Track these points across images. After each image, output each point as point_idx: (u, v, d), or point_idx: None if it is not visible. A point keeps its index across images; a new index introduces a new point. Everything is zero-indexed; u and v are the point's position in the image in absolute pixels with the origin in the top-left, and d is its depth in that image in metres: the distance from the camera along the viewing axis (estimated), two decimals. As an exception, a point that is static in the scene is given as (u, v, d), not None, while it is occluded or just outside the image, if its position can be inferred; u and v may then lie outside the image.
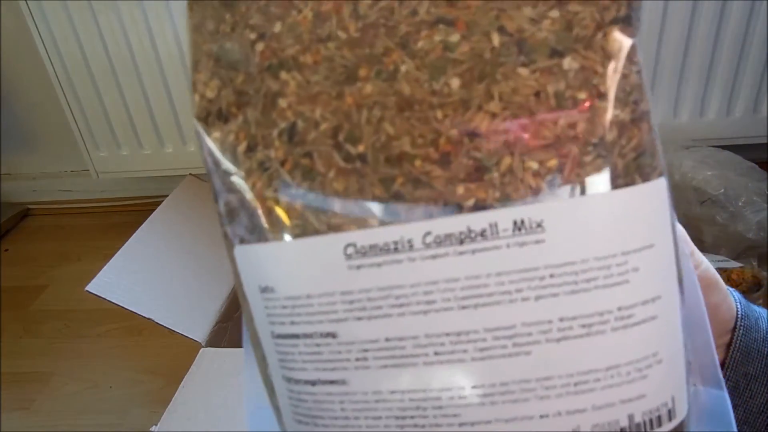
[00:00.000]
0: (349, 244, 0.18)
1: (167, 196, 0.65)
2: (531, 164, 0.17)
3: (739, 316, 0.26)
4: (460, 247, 0.17)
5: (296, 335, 0.19)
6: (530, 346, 0.17)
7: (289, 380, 0.20)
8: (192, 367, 0.48)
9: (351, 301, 0.18)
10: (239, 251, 0.20)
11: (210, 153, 0.20)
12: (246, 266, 0.20)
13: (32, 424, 0.72)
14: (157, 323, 0.51)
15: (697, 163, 0.77)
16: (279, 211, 0.18)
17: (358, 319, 0.18)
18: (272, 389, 0.21)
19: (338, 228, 0.18)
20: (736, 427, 0.20)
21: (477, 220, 0.17)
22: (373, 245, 0.18)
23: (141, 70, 0.88)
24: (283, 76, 0.18)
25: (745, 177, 0.77)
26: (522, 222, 0.17)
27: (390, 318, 0.18)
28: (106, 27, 0.84)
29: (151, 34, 0.84)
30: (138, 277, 0.54)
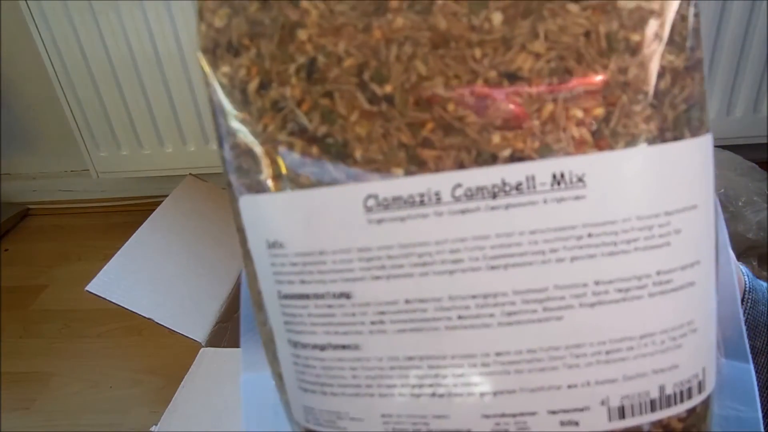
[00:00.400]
0: (370, 196, 0.16)
1: (167, 196, 0.65)
2: (575, 112, 0.16)
3: (746, 289, 0.26)
4: (492, 201, 0.16)
5: (306, 295, 0.17)
6: (562, 311, 0.16)
7: (295, 344, 0.18)
8: (192, 367, 0.48)
9: (369, 259, 0.16)
10: (245, 202, 0.18)
11: (216, 91, 0.18)
12: (252, 219, 0.18)
13: (32, 424, 0.72)
14: (157, 323, 0.51)
15: (697, 163, 0.77)
16: (293, 156, 0.17)
17: (376, 278, 0.16)
18: (274, 355, 0.19)
19: (358, 178, 0.16)
20: (760, 403, 0.19)
21: (513, 173, 0.16)
22: (397, 197, 0.16)
23: (141, 70, 0.88)
24: (303, 4, 0.16)
25: (745, 177, 0.77)
26: (562, 175, 0.15)
27: (411, 278, 0.16)
28: (106, 27, 0.84)
29: (151, 34, 0.84)
30: (138, 277, 0.54)
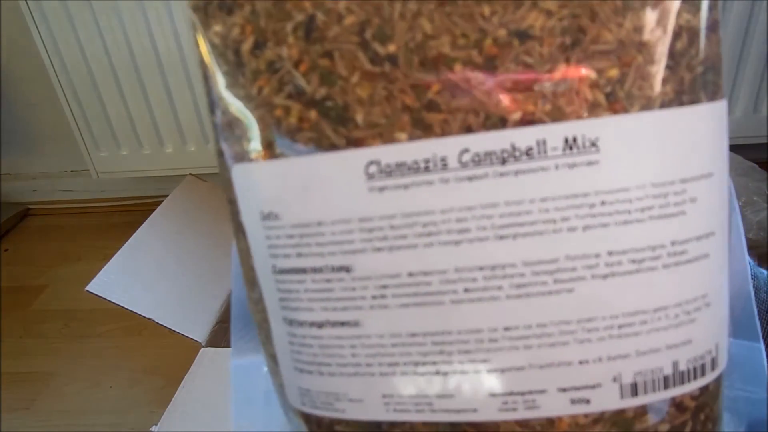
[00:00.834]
0: (372, 162, 0.15)
1: (167, 196, 0.65)
2: (589, 73, 0.15)
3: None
4: (501, 167, 0.15)
5: (303, 269, 0.16)
6: (573, 283, 0.15)
7: (291, 322, 0.17)
8: (192, 367, 0.48)
9: (370, 230, 0.16)
10: (237, 171, 0.17)
11: (208, 52, 0.17)
12: (245, 189, 0.17)
13: (32, 424, 0.72)
14: (157, 323, 0.51)
15: (697, 163, 0.77)
16: (290, 121, 0.16)
17: (378, 250, 0.16)
18: (267, 336, 0.18)
19: (359, 142, 0.15)
20: None
21: (523, 137, 0.15)
22: (400, 163, 0.15)
23: (141, 70, 0.88)
24: None
25: (745, 177, 0.77)
26: (574, 140, 0.15)
27: (415, 249, 0.15)
28: (106, 27, 0.84)
29: (151, 34, 0.84)
30: (138, 277, 0.54)
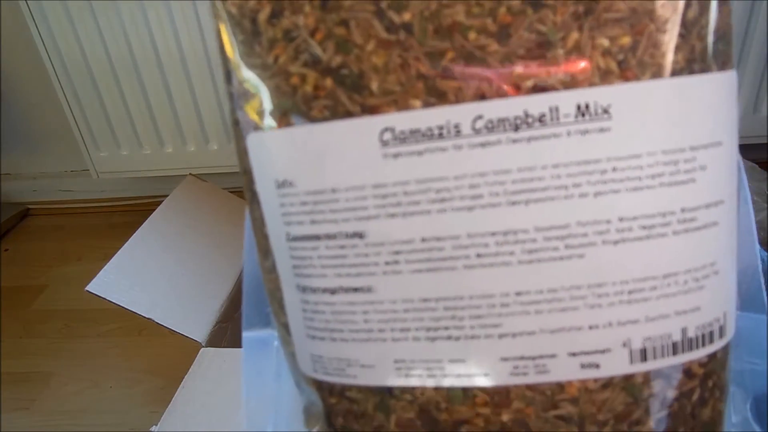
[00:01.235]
0: (386, 129, 0.15)
1: (167, 196, 0.65)
2: (601, 41, 0.15)
3: None
4: (514, 134, 0.15)
5: (317, 236, 0.17)
6: (584, 249, 0.16)
7: (304, 289, 0.17)
8: (192, 367, 0.48)
9: (384, 196, 0.16)
10: (253, 140, 0.17)
11: (225, 21, 0.17)
12: (260, 158, 0.17)
13: (32, 424, 0.72)
14: (157, 323, 0.51)
15: (697, 163, 0.77)
16: (305, 89, 0.16)
17: (391, 216, 0.16)
18: (280, 304, 0.18)
19: (374, 110, 0.16)
20: None
21: (536, 103, 0.15)
22: (414, 130, 0.15)
23: (141, 70, 0.88)
24: None
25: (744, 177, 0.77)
26: (587, 107, 0.15)
27: (428, 215, 0.16)
28: (106, 27, 0.84)
29: (151, 34, 0.84)
30: (138, 277, 0.54)
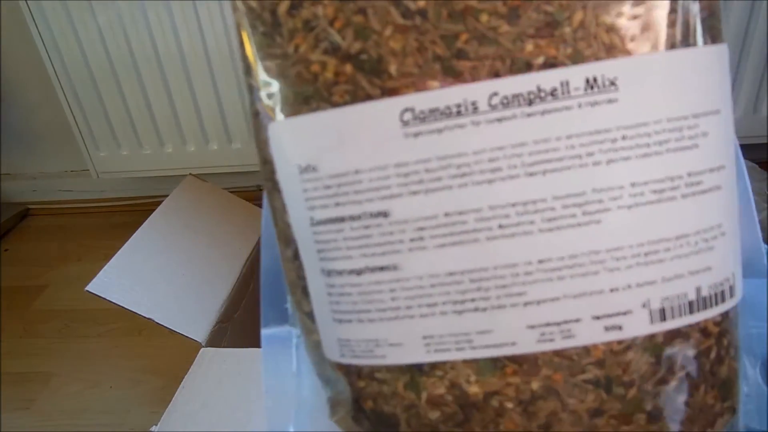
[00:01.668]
0: (407, 109, 0.16)
1: (167, 196, 0.65)
2: (605, 18, 0.16)
3: None
4: (528, 108, 0.16)
5: (341, 218, 0.17)
6: (600, 214, 0.16)
7: (329, 273, 0.18)
8: (192, 367, 0.47)
9: (406, 174, 0.16)
10: (275, 128, 0.18)
11: (245, 14, 0.17)
12: (282, 145, 0.17)
13: (32, 424, 0.72)
14: (157, 323, 0.51)
15: (697, 163, 0.77)
16: (326, 75, 0.17)
17: (414, 193, 0.16)
18: (304, 292, 0.19)
19: (394, 92, 0.16)
20: None
21: (547, 79, 0.16)
22: (433, 109, 0.16)
23: (141, 70, 0.88)
24: None
25: (745, 177, 0.77)
26: (595, 80, 0.16)
27: (450, 190, 0.16)
28: (106, 27, 0.84)
29: (151, 34, 0.84)
30: (138, 277, 0.54)
